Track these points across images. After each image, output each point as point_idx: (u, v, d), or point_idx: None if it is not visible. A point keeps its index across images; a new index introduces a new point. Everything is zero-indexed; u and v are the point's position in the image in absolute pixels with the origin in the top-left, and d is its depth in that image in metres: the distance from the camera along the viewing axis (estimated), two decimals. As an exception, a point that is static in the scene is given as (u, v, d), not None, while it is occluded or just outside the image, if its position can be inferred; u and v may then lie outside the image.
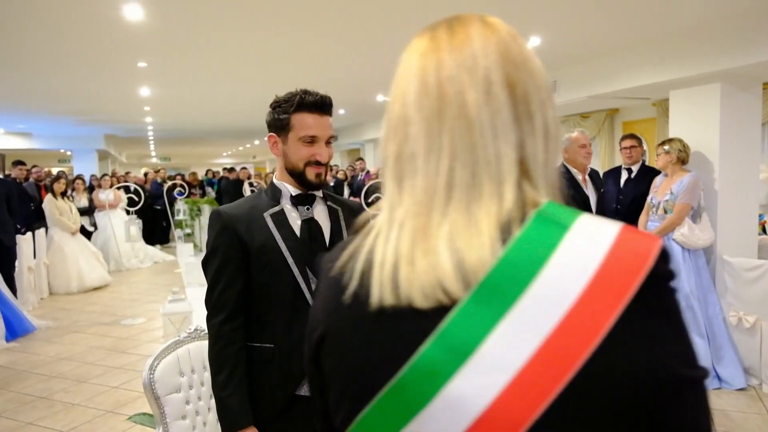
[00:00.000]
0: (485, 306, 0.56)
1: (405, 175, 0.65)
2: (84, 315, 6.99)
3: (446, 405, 0.56)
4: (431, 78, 0.66)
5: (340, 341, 0.67)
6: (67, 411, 4.05)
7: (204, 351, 2.19)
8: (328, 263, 0.72)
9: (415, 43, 0.72)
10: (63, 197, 8.49)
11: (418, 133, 0.64)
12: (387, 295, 0.60)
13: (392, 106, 0.70)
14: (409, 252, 0.61)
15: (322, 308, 0.70)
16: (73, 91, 8.97)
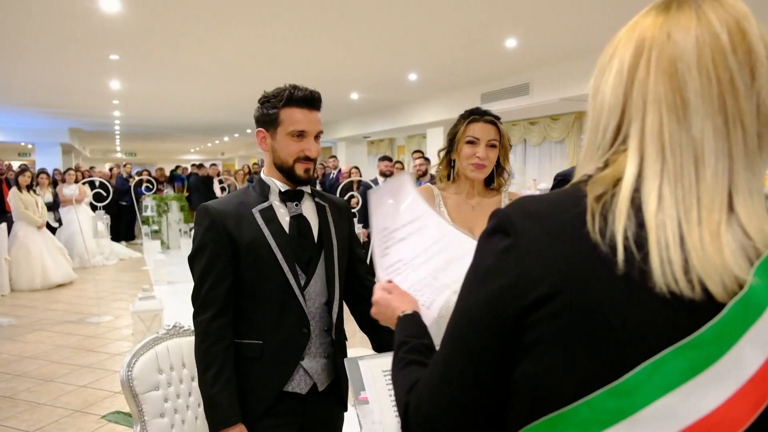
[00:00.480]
0: (763, 274, 0.61)
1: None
2: (48, 312, 6.80)
3: (723, 364, 0.60)
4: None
5: (592, 301, 0.64)
6: (33, 411, 3.94)
7: (183, 348, 2.16)
8: (550, 209, 0.70)
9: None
10: (28, 191, 8.26)
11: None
12: (679, 281, 0.61)
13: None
14: (698, 240, 0.62)
15: (553, 263, 0.66)
16: (39, 83, 8.73)
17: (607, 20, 5.47)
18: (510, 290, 0.68)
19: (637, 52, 0.70)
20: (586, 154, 0.76)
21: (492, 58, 7.21)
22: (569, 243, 0.67)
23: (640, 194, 0.66)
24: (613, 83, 0.72)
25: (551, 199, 0.72)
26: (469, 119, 2.03)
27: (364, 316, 1.90)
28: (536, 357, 0.67)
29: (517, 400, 0.71)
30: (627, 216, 0.65)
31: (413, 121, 11.53)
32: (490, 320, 0.70)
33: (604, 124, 0.73)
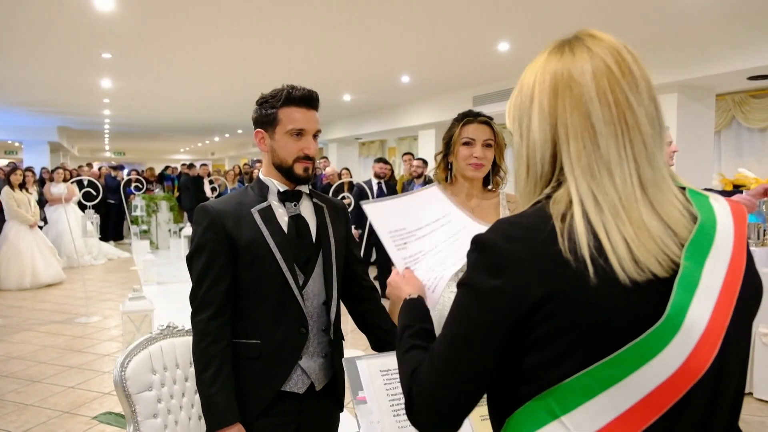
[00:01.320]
0: (693, 257, 0.81)
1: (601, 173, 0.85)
2: (35, 312, 6.74)
3: (681, 336, 0.78)
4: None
5: (578, 302, 0.80)
6: (20, 412, 3.90)
7: (177, 348, 2.14)
8: (526, 232, 0.84)
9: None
10: (21, 189, 8.19)
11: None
12: (633, 271, 0.78)
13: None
14: (633, 235, 0.80)
15: (538, 279, 0.81)
16: (29, 80, 8.66)
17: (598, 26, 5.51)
18: (505, 305, 0.83)
19: (554, 93, 0.87)
20: (527, 184, 0.92)
21: (484, 61, 7.24)
22: (548, 260, 0.81)
23: (586, 210, 0.82)
24: (539, 123, 0.89)
25: (524, 222, 0.86)
26: (464, 121, 2.06)
27: (362, 316, 1.91)
28: (539, 350, 0.83)
29: (524, 383, 0.86)
30: (586, 231, 0.81)
31: (405, 123, 11.55)
32: (487, 331, 0.85)
33: (540, 157, 0.89)
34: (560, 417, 0.82)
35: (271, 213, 1.68)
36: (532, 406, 0.85)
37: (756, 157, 7.74)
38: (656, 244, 0.80)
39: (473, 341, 0.86)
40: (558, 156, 0.87)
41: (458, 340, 0.88)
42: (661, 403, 0.80)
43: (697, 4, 4.87)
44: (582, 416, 0.81)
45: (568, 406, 0.82)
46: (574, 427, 0.82)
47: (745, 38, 5.33)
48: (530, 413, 0.86)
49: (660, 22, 5.41)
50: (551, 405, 0.83)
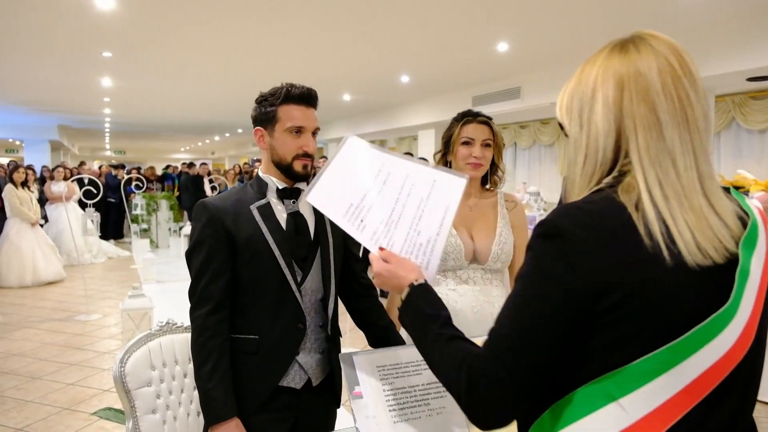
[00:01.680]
0: (746, 250, 0.88)
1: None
2: (35, 310, 6.76)
3: (733, 323, 0.85)
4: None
5: (650, 287, 0.84)
6: (20, 408, 3.91)
7: (176, 345, 2.16)
8: (598, 219, 0.88)
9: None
10: (23, 187, 8.22)
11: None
12: (698, 258, 0.84)
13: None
14: (695, 222, 0.86)
15: (612, 264, 0.85)
16: (30, 79, 8.68)
17: (598, 26, 5.53)
18: (578, 290, 0.85)
19: (618, 87, 0.92)
20: (584, 172, 0.95)
21: (483, 61, 7.26)
22: (621, 246, 0.85)
23: (653, 198, 0.87)
24: (603, 114, 0.93)
25: (596, 209, 0.89)
26: (463, 121, 2.08)
27: (360, 313, 1.92)
28: (607, 333, 0.86)
29: (586, 365, 0.89)
30: (656, 219, 0.86)
31: (405, 122, 11.57)
32: (557, 313, 0.87)
33: (602, 146, 0.93)
34: (618, 399, 0.85)
35: (269, 210, 1.70)
36: (589, 389, 0.88)
37: (755, 159, 7.75)
38: (713, 232, 0.86)
39: (544, 328, 0.87)
40: (622, 146, 0.92)
41: (528, 327, 0.89)
42: (704, 388, 0.84)
43: (696, 5, 4.88)
44: (639, 398, 0.84)
45: (628, 388, 0.85)
46: (631, 409, 0.85)
47: (743, 39, 5.35)
48: (586, 396, 0.88)
49: (658, 23, 5.42)
50: (610, 388, 0.86)
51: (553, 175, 10.35)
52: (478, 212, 2.12)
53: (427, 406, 1.39)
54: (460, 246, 2.03)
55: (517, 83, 8.32)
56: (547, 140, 10.26)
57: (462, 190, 1.36)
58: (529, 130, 10.73)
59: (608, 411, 0.86)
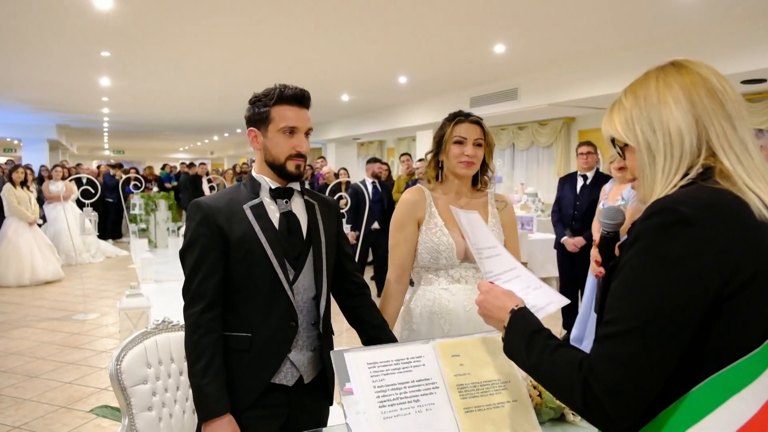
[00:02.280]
0: None
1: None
2: (33, 309, 6.77)
3: None
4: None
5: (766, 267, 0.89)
6: (18, 406, 3.93)
7: (171, 343, 2.18)
8: (717, 204, 0.93)
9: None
10: (22, 186, 8.24)
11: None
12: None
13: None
14: None
15: (737, 245, 0.89)
16: (28, 78, 8.69)
17: (594, 28, 5.56)
18: (709, 271, 0.87)
19: (686, 90, 1.02)
20: (664, 171, 1.01)
21: (481, 62, 7.28)
22: (743, 227, 0.91)
23: (745, 181, 0.95)
24: (680, 113, 1.01)
25: (705, 196, 0.94)
26: (455, 120, 2.11)
27: (352, 311, 1.95)
28: (733, 318, 0.88)
29: (708, 355, 0.89)
30: (756, 198, 0.94)
31: (403, 123, 11.60)
32: (693, 299, 0.88)
33: (688, 139, 1.00)
34: (739, 392, 0.86)
35: (262, 209, 1.73)
36: (707, 386, 0.88)
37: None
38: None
39: (673, 319, 0.88)
40: (703, 138, 1.00)
41: (652, 321, 0.88)
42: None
43: (690, 8, 4.91)
44: (757, 387, 0.86)
45: (749, 378, 0.86)
46: (752, 398, 0.86)
47: (738, 42, 5.38)
48: (703, 394, 0.88)
49: (653, 26, 5.45)
50: (731, 381, 0.87)
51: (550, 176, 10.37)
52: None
53: (416, 403, 1.42)
54: (451, 244, 2.06)
55: (515, 84, 8.34)
56: (545, 141, 10.28)
57: (557, 309, 1.44)
58: (527, 131, 10.75)
59: (730, 406, 0.86)
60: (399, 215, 2.15)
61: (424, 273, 2.13)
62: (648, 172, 1.03)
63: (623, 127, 1.07)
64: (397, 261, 2.14)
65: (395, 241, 2.15)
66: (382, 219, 7.18)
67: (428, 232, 2.09)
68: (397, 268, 2.14)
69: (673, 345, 0.88)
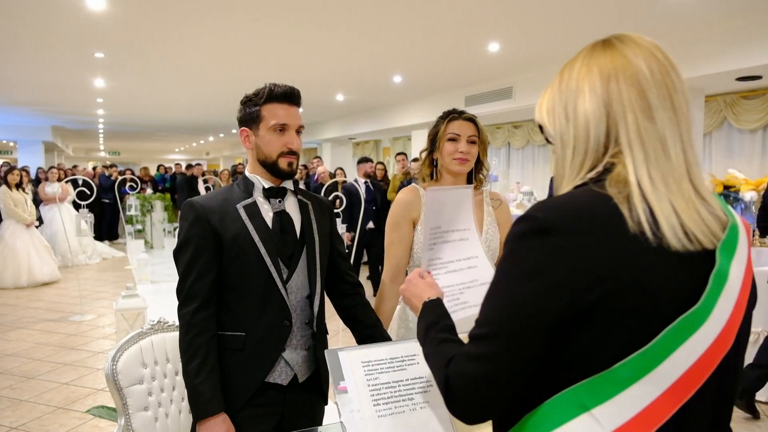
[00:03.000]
0: (725, 253, 0.86)
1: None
2: (29, 311, 6.76)
3: (707, 325, 0.82)
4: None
5: (630, 278, 0.82)
6: (15, 407, 3.93)
7: (167, 343, 2.19)
8: (582, 209, 0.86)
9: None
10: (18, 188, 8.22)
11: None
12: (683, 240, 0.83)
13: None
14: (684, 206, 0.85)
15: (597, 254, 0.83)
16: (22, 80, 8.67)
17: (588, 26, 5.58)
18: (562, 283, 0.83)
19: (604, 76, 0.92)
20: (573, 165, 0.94)
21: (475, 61, 7.30)
22: (608, 236, 0.84)
23: (640, 181, 0.86)
24: (592, 102, 0.92)
25: (578, 201, 0.88)
26: (449, 118, 2.12)
27: (346, 311, 1.96)
28: (589, 332, 0.84)
29: (564, 368, 0.86)
30: (641, 202, 0.85)
31: (398, 123, 11.61)
32: (542, 311, 0.84)
33: (594, 135, 0.92)
34: (591, 410, 0.82)
35: (256, 209, 1.73)
36: (561, 398, 0.85)
37: (746, 158, 7.80)
38: (700, 217, 0.85)
39: (527, 327, 0.85)
40: (612, 132, 0.91)
41: (510, 326, 0.86)
42: (681, 395, 0.81)
43: (684, 5, 4.93)
44: (612, 408, 0.81)
45: (601, 397, 0.82)
46: (604, 419, 0.81)
47: (732, 39, 5.40)
48: (558, 406, 0.85)
49: (647, 23, 5.47)
50: (582, 397, 0.83)
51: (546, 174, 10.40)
52: None
53: (411, 401, 1.42)
54: None
55: (509, 83, 8.36)
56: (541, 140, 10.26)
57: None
58: (522, 130, 10.78)
59: (581, 422, 0.83)
60: (394, 215, 2.16)
61: None
62: (560, 166, 0.97)
63: (547, 114, 0.99)
64: (392, 261, 2.15)
65: (390, 240, 2.16)
66: (376, 218, 7.19)
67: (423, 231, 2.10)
68: (392, 267, 2.15)
69: (527, 352, 0.86)
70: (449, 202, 1.48)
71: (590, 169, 0.92)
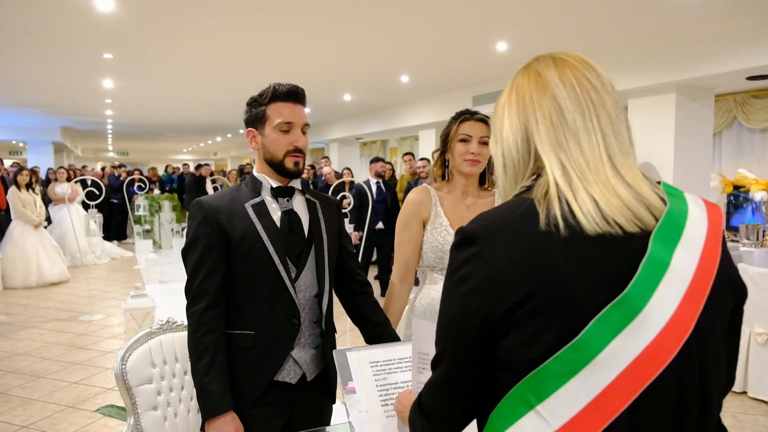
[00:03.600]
0: (663, 242, 0.84)
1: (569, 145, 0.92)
2: (39, 310, 6.81)
3: (643, 317, 0.80)
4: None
5: (550, 273, 0.82)
6: (26, 406, 3.97)
7: (176, 343, 2.20)
8: (502, 216, 0.89)
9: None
10: (27, 189, 8.28)
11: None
12: (600, 223, 0.83)
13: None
14: (600, 193, 0.86)
15: (515, 255, 0.84)
16: (32, 81, 8.73)
17: (597, 26, 5.55)
18: (484, 288, 0.85)
19: (521, 94, 0.97)
20: (507, 182, 0.99)
21: (483, 61, 7.28)
22: (518, 235, 0.86)
23: (556, 178, 0.88)
24: (510, 121, 0.97)
25: (501, 208, 0.92)
26: (461, 118, 2.12)
27: (355, 309, 1.96)
28: (517, 333, 0.84)
29: (502, 370, 0.87)
30: (556, 198, 0.86)
31: (406, 123, 11.59)
32: (471, 316, 0.87)
33: (514, 147, 0.96)
34: (536, 407, 0.82)
35: (264, 208, 1.74)
36: (510, 398, 0.86)
37: (756, 158, 7.75)
38: (622, 201, 0.85)
39: (459, 329, 0.88)
40: (532, 144, 0.94)
41: (447, 339, 0.91)
42: (629, 389, 0.80)
43: (692, 4, 4.90)
44: (556, 404, 0.81)
45: (543, 394, 0.82)
46: (549, 415, 0.81)
47: (743, 38, 5.36)
48: (509, 406, 0.86)
49: (657, 21, 5.44)
50: (526, 395, 0.83)
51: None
52: (476, 211, 2.15)
53: (419, 401, 1.43)
54: None
55: (517, 83, 8.33)
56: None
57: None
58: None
59: (529, 420, 0.83)
60: (404, 215, 2.16)
61: (429, 272, 2.14)
62: (500, 186, 1.02)
63: (491, 135, 1.05)
64: (401, 260, 2.15)
65: (399, 240, 2.16)
66: (386, 219, 7.19)
67: (433, 231, 2.10)
68: (401, 267, 2.15)
69: (470, 363, 0.89)
70: (430, 330, 1.46)
71: (521, 181, 0.96)
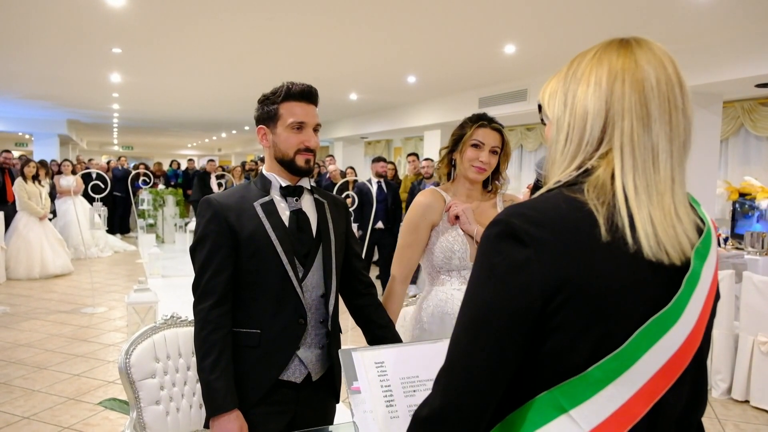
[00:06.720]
0: (699, 258, 0.87)
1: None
2: (42, 302, 6.83)
3: (679, 326, 0.84)
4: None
5: (603, 282, 0.83)
6: (27, 397, 3.98)
7: (179, 338, 2.21)
8: (554, 217, 0.86)
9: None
10: (33, 181, 8.30)
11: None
12: (654, 248, 0.84)
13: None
14: (661, 218, 0.86)
15: (568, 264, 0.83)
16: (40, 74, 8.75)
17: (604, 29, 5.54)
18: (532, 287, 0.83)
19: (612, 74, 0.91)
20: (563, 154, 0.94)
21: (490, 63, 7.27)
22: (578, 242, 0.84)
23: (625, 186, 0.87)
24: (594, 94, 0.91)
25: (548, 207, 0.87)
26: (478, 123, 2.10)
27: (359, 310, 1.96)
28: (558, 337, 0.84)
29: (539, 372, 0.87)
30: (624, 208, 0.85)
31: (411, 123, 11.59)
32: (514, 312, 0.84)
33: (590, 127, 0.91)
34: (568, 411, 0.83)
35: (273, 207, 1.74)
36: (539, 401, 0.86)
37: (763, 166, 7.71)
38: (675, 233, 0.85)
39: (494, 329, 0.85)
40: (607, 131, 0.90)
41: (477, 327, 0.86)
42: (654, 392, 0.83)
43: (703, 10, 4.89)
44: (590, 408, 0.83)
45: (578, 399, 0.83)
46: (582, 420, 0.83)
47: (753, 45, 5.34)
48: (536, 409, 0.86)
49: (666, 27, 5.43)
50: (560, 399, 0.84)
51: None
52: (481, 214, 2.16)
53: (423, 402, 1.42)
54: (465, 246, 2.07)
55: (524, 85, 8.32)
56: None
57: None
58: (535, 132, 10.73)
59: (559, 423, 0.84)
60: (413, 218, 2.15)
61: (437, 274, 2.14)
62: (552, 151, 0.96)
63: (549, 96, 1.01)
64: (406, 263, 2.15)
65: (407, 241, 2.15)
66: (386, 218, 7.19)
67: (445, 234, 2.10)
68: (405, 268, 2.15)
69: (500, 355, 0.85)
70: (426, 354, 1.45)
71: (580, 165, 0.91)
